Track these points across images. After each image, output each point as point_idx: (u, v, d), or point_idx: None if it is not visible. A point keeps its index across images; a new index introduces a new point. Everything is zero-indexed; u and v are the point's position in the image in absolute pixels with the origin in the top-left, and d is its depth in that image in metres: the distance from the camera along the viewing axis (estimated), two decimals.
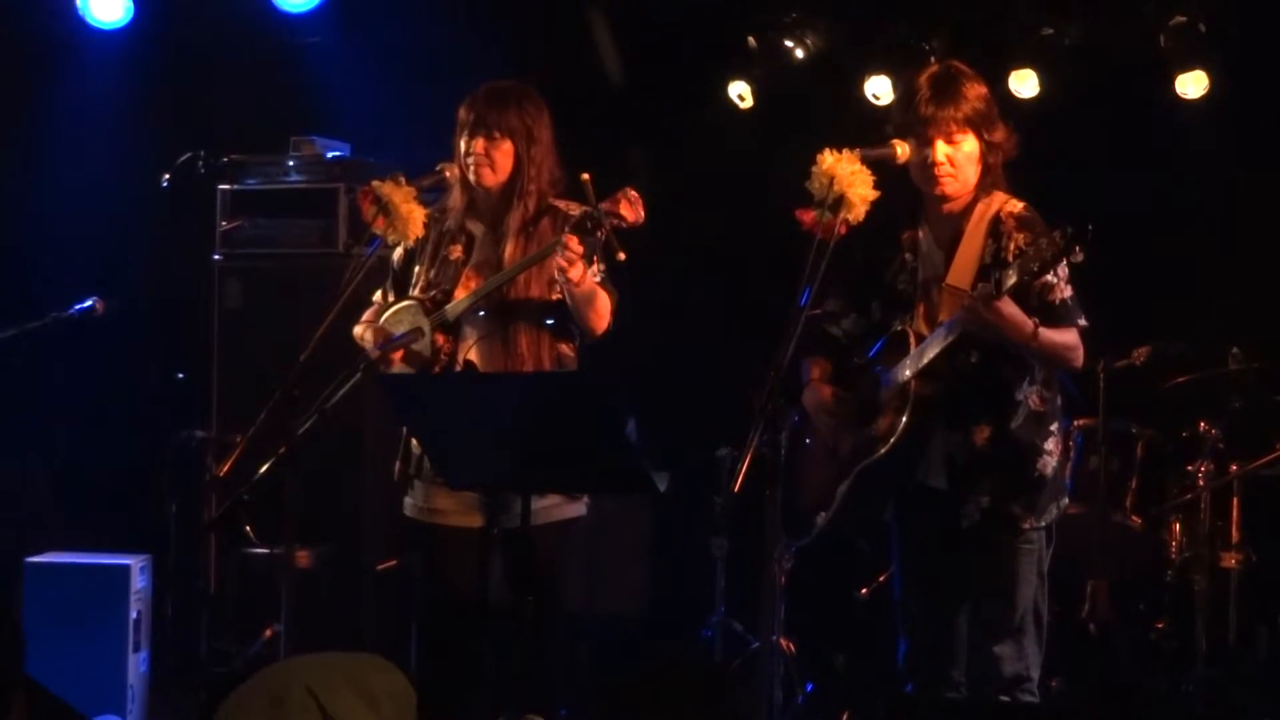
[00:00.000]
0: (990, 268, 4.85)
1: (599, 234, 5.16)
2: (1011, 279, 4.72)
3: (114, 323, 7.37)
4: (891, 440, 5.02)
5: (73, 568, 7.00)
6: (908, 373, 5.01)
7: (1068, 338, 4.98)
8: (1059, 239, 4.65)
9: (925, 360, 4.97)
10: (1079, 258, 4.72)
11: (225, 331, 7.89)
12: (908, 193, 5.16)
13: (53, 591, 6.88)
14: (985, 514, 5.04)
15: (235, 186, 7.94)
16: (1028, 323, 4.84)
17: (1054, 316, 4.95)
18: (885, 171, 5.09)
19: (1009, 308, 4.80)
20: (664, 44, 8.50)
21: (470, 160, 5.46)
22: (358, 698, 2.58)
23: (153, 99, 8.55)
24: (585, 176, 5.18)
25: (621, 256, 5.23)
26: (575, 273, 5.15)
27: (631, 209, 5.19)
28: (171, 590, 7.53)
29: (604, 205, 5.16)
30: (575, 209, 5.34)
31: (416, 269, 5.60)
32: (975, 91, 5.06)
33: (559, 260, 5.15)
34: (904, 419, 5.00)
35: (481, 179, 5.47)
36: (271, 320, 7.43)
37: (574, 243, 5.11)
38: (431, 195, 5.66)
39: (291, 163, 7.94)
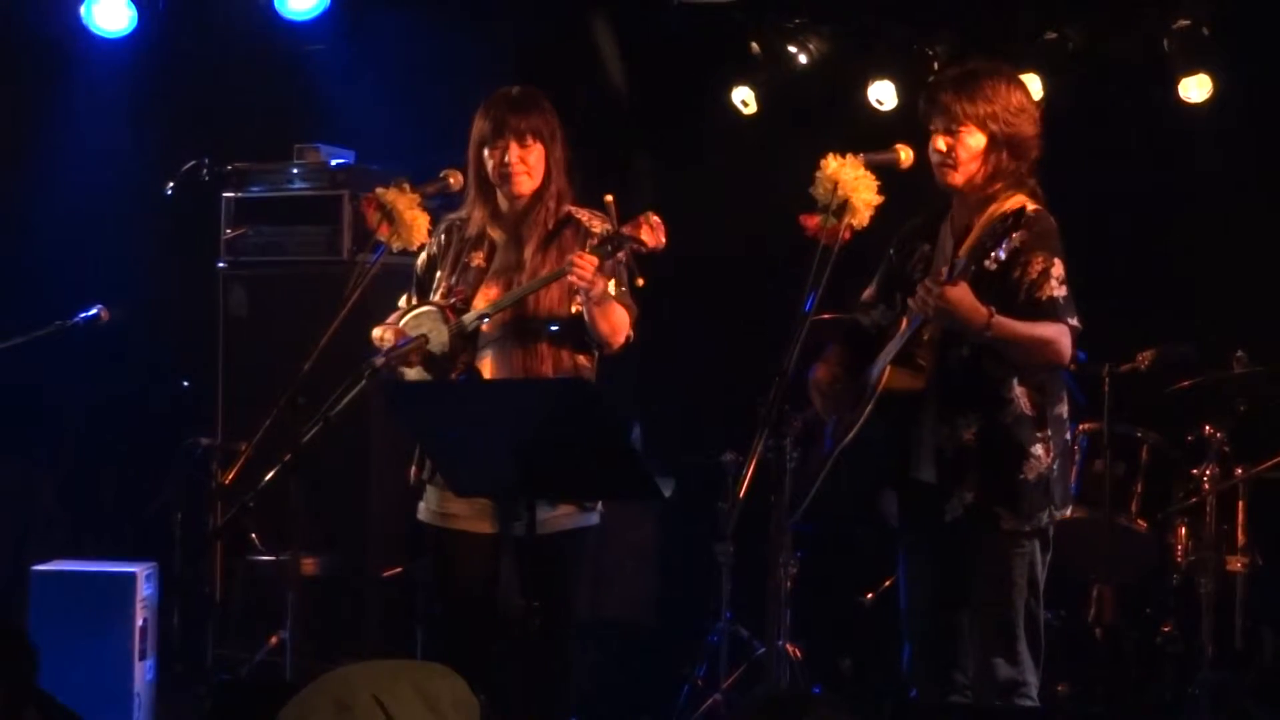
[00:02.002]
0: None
1: (619, 257, 5.16)
2: (961, 265, 4.73)
3: (119, 330, 7.39)
4: (854, 430, 5.03)
5: (79, 575, 7.02)
6: (886, 358, 5.02)
7: (1042, 330, 4.92)
8: (1003, 222, 4.67)
9: (894, 352, 4.98)
10: (1015, 243, 4.72)
11: (230, 339, 7.90)
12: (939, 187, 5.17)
13: (59, 599, 6.90)
14: (968, 510, 5.02)
15: (239, 194, 7.95)
16: (981, 310, 4.81)
17: (1039, 311, 4.92)
18: (900, 173, 5.10)
19: (958, 294, 4.77)
20: (667, 50, 8.50)
21: (507, 169, 5.42)
22: (424, 705, 2.57)
23: (157, 107, 8.56)
24: (609, 198, 5.19)
25: (640, 282, 5.24)
26: (596, 290, 5.15)
27: (652, 234, 5.18)
28: (177, 598, 7.54)
29: (625, 229, 5.16)
30: (597, 222, 5.34)
31: (439, 274, 5.59)
32: (995, 89, 5.02)
33: (573, 280, 5.15)
34: (867, 409, 5.01)
35: (519, 186, 5.43)
36: (276, 328, 7.43)
37: (586, 262, 5.11)
38: (436, 202, 5.67)
39: (296, 170, 7.94)
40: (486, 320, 5.38)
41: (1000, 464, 5.01)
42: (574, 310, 5.35)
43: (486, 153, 5.45)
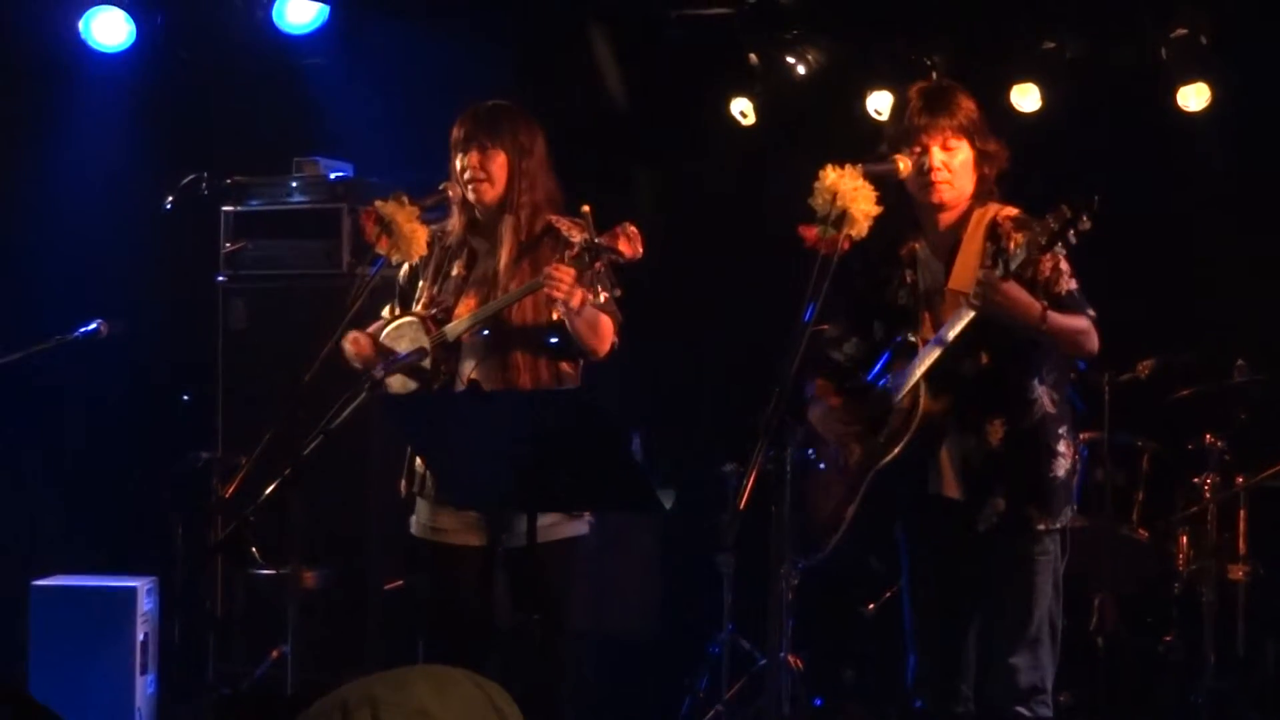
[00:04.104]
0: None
1: (597, 267, 5.17)
2: (1020, 257, 4.75)
3: (118, 345, 7.38)
4: (903, 441, 5.03)
5: (79, 590, 7.02)
6: (918, 372, 5.01)
7: (1078, 322, 5.00)
8: (1066, 212, 4.67)
9: (930, 360, 4.98)
10: (1086, 225, 4.72)
11: (229, 353, 7.89)
12: (905, 209, 5.17)
13: (59, 614, 6.90)
14: (1001, 517, 5.04)
15: (239, 208, 7.95)
16: (1035, 304, 4.85)
17: (1062, 306, 4.97)
18: (884, 187, 5.10)
19: (1016, 290, 4.82)
20: (665, 61, 8.51)
21: (466, 175, 5.48)
22: (484, 699, 2.56)
23: (156, 121, 8.55)
24: (586, 209, 5.21)
25: (618, 292, 5.25)
26: (575, 302, 5.17)
27: (629, 245, 5.21)
28: (178, 612, 7.53)
29: (602, 239, 5.17)
30: (576, 232, 5.35)
31: (420, 284, 5.62)
32: (967, 103, 5.12)
33: (551, 293, 5.17)
34: (914, 421, 5.01)
35: (480, 193, 5.49)
36: (276, 341, 7.43)
37: (563, 274, 5.13)
38: (434, 214, 5.68)
39: (295, 183, 7.94)
40: (477, 330, 5.41)
41: (1031, 466, 5.04)
42: (554, 318, 5.37)
43: (456, 161, 5.50)
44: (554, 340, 5.40)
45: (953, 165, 5.06)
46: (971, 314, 4.90)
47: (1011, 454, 5.03)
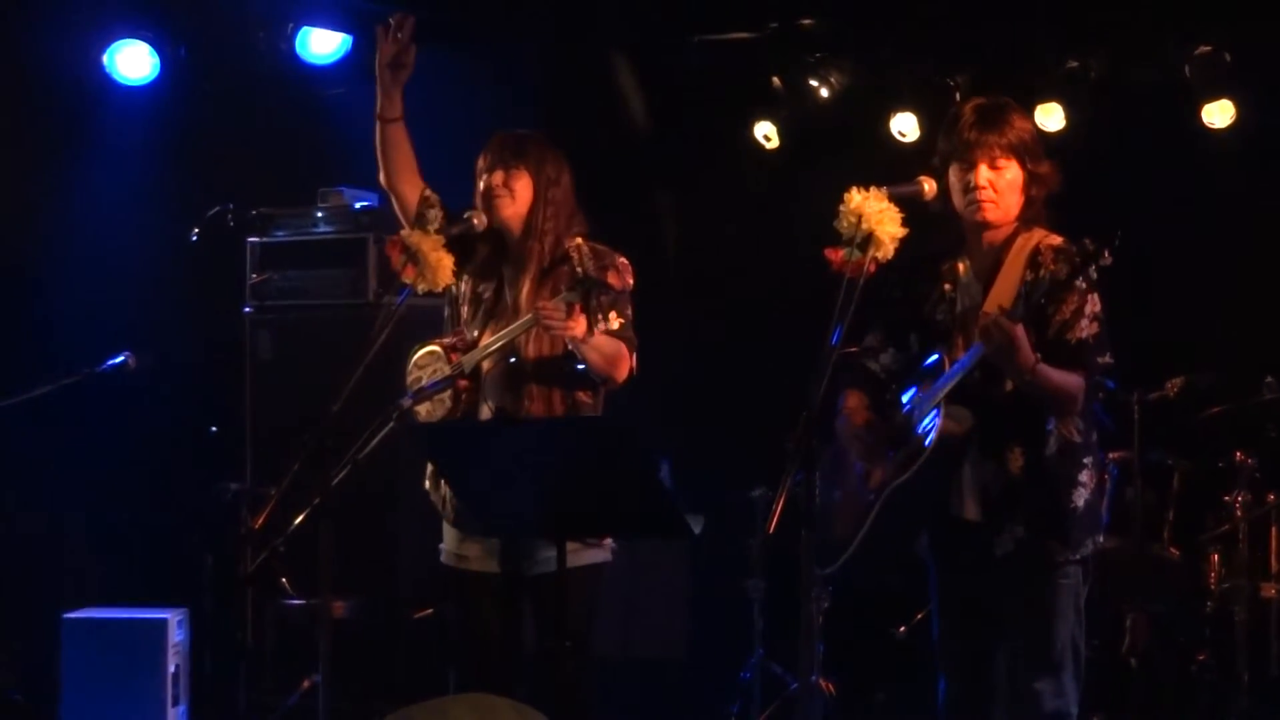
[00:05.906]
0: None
1: (593, 299, 5.15)
2: (1043, 289, 4.72)
3: (146, 377, 7.40)
4: (919, 461, 5.00)
5: (110, 623, 7.03)
6: (939, 396, 4.99)
7: (1067, 382, 4.91)
8: (1088, 245, 4.65)
9: (950, 385, 4.96)
10: (1107, 261, 4.69)
11: (257, 384, 7.91)
12: (949, 225, 5.14)
13: (91, 647, 6.91)
14: (1019, 544, 5.00)
15: (264, 239, 7.97)
16: (1030, 355, 4.81)
17: (1063, 353, 4.90)
18: (926, 205, 5.08)
19: (1020, 333, 4.76)
20: (689, 86, 8.52)
21: (489, 192, 5.49)
22: None
23: (180, 154, 8.58)
24: (579, 241, 5.23)
25: (615, 325, 5.25)
26: (572, 334, 5.17)
27: (618, 277, 5.25)
28: (209, 643, 7.53)
29: (592, 271, 5.19)
30: (587, 262, 5.37)
31: (459, 299, 5.63)
32: (1021, 122, 5.05)
33: (548, 329, 5.20)
34: (926, 452, 4.99)
35: (501, 209, 5.49)
36: (303, 371, 7.45)
37: (549, 311, 5.16)
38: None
39: (320, 214, 7.96)
40: (481, 361, 5.42)
41: (1050, 495, 4.99)
42: (566, 349, 5.36)
43: (480, 183, 5.53)
44: (580, 366, 5.40)
45: (999, 184, 5.00)
46: (979, 357, 4.88)
47: (1031, 483, 4.99)
